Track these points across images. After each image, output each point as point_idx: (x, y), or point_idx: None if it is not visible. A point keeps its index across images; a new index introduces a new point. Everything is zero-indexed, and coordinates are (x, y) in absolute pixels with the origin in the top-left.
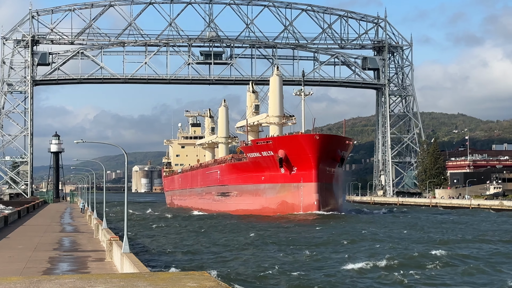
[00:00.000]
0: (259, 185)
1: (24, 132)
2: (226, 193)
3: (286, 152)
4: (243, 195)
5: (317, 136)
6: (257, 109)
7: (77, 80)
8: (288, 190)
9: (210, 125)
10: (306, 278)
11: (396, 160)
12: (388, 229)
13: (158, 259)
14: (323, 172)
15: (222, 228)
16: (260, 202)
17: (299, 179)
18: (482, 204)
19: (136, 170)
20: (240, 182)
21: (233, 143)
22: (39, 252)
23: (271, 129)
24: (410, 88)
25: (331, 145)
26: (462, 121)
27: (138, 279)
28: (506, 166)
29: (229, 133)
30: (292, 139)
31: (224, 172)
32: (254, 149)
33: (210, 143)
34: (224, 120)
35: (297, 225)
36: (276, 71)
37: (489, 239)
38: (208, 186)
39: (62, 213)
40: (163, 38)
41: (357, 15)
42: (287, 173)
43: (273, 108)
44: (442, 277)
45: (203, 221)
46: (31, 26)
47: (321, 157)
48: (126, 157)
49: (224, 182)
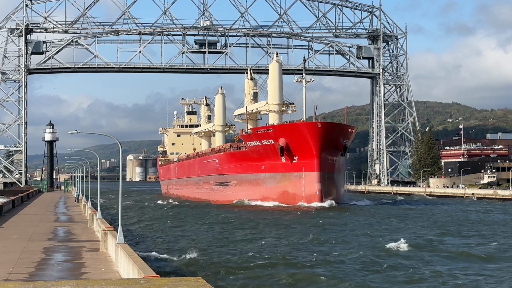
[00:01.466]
0: (259, 174)
1: (18, 121)
2: (224, 183)
3: (287, 140)
4: (242, 185)
5: (319, 124)
6: (255, 97)
7: (71, 69)
8: (289, 180)
9: (206, 113)
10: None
11: (390, 149)
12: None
13: (154, 250)
14: (325, 161)
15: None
16: (260, 191)
17: (301, 168)
18: (476, 193)
19: (130, 159)
20: (239, 171)
21: (230, 132)
22: (34, 242)
23: (271, 117)
24: (405, 77)
25: (334, 134)
26: (457, 110)
27: (134, 286)
28: (500, 155)
29: (226, 121)
30: (294, 127)
31: (223, 161)
32: (254, 137)
33: (207, 132)
34: (221, 108)
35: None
36: (276, 57)
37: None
38: (205, 176)
39: (56, 202)
40: (157, 27)
41: (351, 4)
42: (288, 162)
43: (272, 95)
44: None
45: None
46: (25, 14)
47: (323, 145)
48: (120, 148)
49: (222, 171)
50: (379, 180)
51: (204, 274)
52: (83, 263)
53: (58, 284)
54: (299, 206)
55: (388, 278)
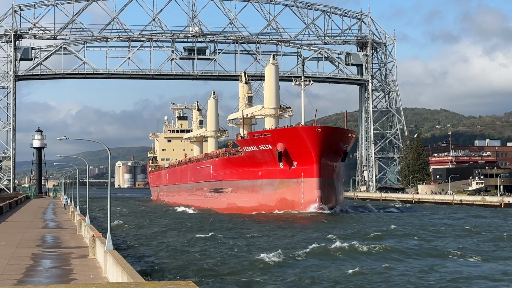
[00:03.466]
0: (256, 180)
1: (6, 127)
2: (219, 189)
3: (286, 145)
4: (238, 191)
5: (319, 129)
6: (250, 101)
7: (60, 75)
8: (287, 186)
9: (198, 118)
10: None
11: (379, 156)
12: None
13: (143, 256)
14: (325, 167)
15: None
16: (257, 198)
17: (300, 175)
18: (465, 199)
19: (119, 165)
20: (235, 177)
21: (223, 137)
22: (22, 249)
23: (267, 121)
24: (393, 84)
25: (334, 138)
26: (445, 117)
27: None
28: (489, 162)
29: (219, 126)
30: (292, 131)
31: (218, 167)
32: (250, 142)
33: (199, 137)
34: (214, 113)
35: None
36: (272, 60)
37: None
38: (199, 182)
39: (45, 209)
40: (147, 33)
41: (340, 11)
42: (287, 168)
43: (269, 99)
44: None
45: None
46: (13, 20)
47: (323, 151)
48: (109, 154)
49: (217, 177)
50: (367, 186)
51: (197, 280)
52: (72, 270)
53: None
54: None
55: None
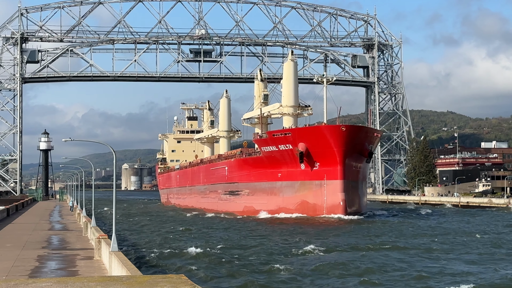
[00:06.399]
0: (275, 182)
1: (13, 130)
2: (235, 192)
3: (308, 145)
4: (256, 194)
5: (344, 127)
6: (266, 99)
7: (66, 77)
8: (309, 189)
9: (209, 118)
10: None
11: (385, 158)
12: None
13: (148, 257)
14: (350, 168)
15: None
16: (276, 202)
17: (322, 176)
18: (471, 201)
19: (125, 167)
20: (252, 179)
21: (235, 137)
22: (28, 251)
23: (285, 120)
24: (400, 86)
25: (359, 138)
26: (452, 119)
27: (115, 283)
28: (495, 164)
29: (232, 126)
30: (315, 130)
31: (233, 168)
32: (269, 142)
33: (210, 137)
34: (226, 112)
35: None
36: (291, 56)
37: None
38: (213, 184)
39: (51, 211)
40: (153, 36)
41: (346, 13)
42: (308, 169)
43: (287, 97)
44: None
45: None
46: (20, 23)
47: (347, 151)
48: (114, 157)
49: (233, 179)
50: (374, 188)
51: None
52: (77, 271)
53: (40, 281)
54: (320, 218)
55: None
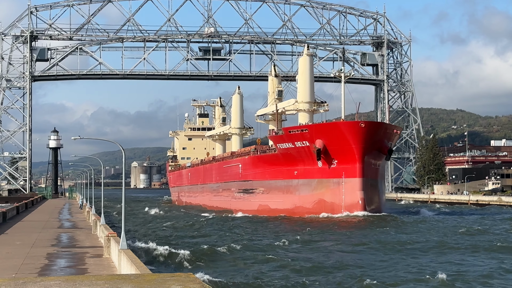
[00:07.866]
0: (291, 180)
1: (22, 128)
2: (249, 190)
3: (325, 142)
4: (271, 192)
5: (363, 124)
6: (280, 95)
7: (75, 76)
8: (326, 187)
9: (221, 115)
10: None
11: (394, 156)
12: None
13: (158, 256)
14: (368, 166)
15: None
16: (292, 200)
17: (340, 174)
18: (481, 200)
19: (134, 165)
20: (267, 177)
21: (248, 134)
22: (37, 248)
23: (301, 117)
24: (409, 84)
25: (378, 135)
26: (461, 117)
27: (123, 281)
28: (505, 162)
29: (244, 123)
30: (333, 127)
31: (247, 166)
32: (285, 138)
33: (222, 135)
34: (239, 109)
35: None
36: (307, 51)
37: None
38: (226, 182)
39: (60, 209)
40: (162, 34)
41: (356, 11)
42: (326, 167)
43: (302, 92)
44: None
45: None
46: (29, 21)
47: (366, 148)
48: (123, 155)
49: (247, 177)
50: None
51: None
52: (86, 269)
53: (48, 279)
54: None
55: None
